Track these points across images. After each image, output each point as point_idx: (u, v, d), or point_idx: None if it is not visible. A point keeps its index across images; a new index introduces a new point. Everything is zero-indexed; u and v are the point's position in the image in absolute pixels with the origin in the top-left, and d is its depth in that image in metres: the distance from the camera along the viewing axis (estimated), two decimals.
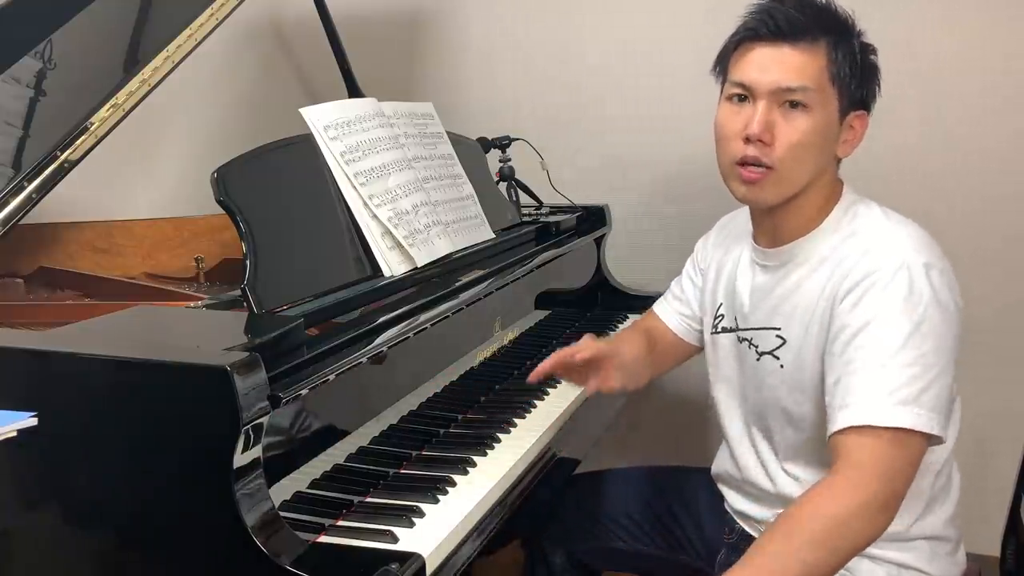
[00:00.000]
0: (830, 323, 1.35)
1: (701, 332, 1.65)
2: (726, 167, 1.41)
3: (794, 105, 1.34)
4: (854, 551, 1.25)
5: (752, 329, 1.48)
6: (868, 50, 1.41)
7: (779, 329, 1.43)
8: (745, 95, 1.37)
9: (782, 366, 1.42)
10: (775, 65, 1.35)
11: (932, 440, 1.28)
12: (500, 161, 2.21)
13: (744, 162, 1.37)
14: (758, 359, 1.46)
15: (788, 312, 1.42)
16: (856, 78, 1.37)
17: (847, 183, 1.46)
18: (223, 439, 1.04)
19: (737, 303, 1.52)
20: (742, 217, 1.56)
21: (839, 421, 1.28)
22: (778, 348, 1.43)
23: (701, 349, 1.67)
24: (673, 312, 1.72)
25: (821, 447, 1.35)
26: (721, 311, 1.56)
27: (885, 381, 1.26)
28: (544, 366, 1.58)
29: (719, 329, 1.56)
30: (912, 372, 1.26)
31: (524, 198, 2.27)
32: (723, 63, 1.44)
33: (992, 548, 1.63)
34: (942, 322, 1.28)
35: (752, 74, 1.36)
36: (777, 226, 1.44)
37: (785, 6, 1.37)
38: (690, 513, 1.66)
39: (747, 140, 1.35)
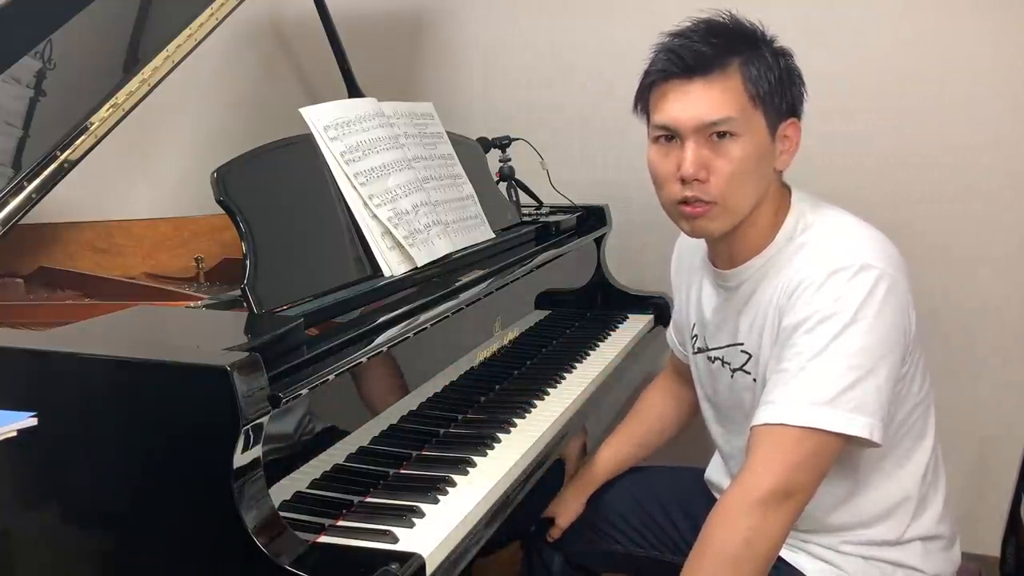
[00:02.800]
0: (777, 331, 1.35)
1: None
2: (669, 208, 1.40)
3: (722, 135, 1.32)
4: (765, 544, 1.26)
5: (721, 348, 1.49)
6: (783, 55, 1.37)
7: (742, 344, 1.44)
8: (671, 135, 1.36)
9: (754, 380, 1.42)
10: (693, 102, 1.33)
11: (856, 441, 1.28)
12: (500, 161, 2.21)
13: (685, 201, 1.36)
14: (732, 376, 1.47)
15: (747, 327, 1.43)
16: (777, 90, 1.35)
17: (796, 189, 1.44)
18: (223, 439, 1.04)
19: (705, 323, 1.53)
20: (696, 240, 1.54)
21: (757, 417, 1.30)
22: (747, 363, 1.44)
23: None
24: (677, 342, 1.73)
25: None
26: (695, 331, 1.57)
27: (804, 382, 1.27)
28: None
29: (696, 349, 1.57)
30: (833, 374, 1.26)
31: (524, 198, 2.27)
32: (642, 103, 1.42)
33: (992, 548, 1.63)
34: (874, 325, 1.27)
35: (672, 114, 1.34)
36: (732, 248, 1.43)
37: (689, 39, 1.34)
38: (686, 515, 1.65)
39: (683, 181, 1.34)
